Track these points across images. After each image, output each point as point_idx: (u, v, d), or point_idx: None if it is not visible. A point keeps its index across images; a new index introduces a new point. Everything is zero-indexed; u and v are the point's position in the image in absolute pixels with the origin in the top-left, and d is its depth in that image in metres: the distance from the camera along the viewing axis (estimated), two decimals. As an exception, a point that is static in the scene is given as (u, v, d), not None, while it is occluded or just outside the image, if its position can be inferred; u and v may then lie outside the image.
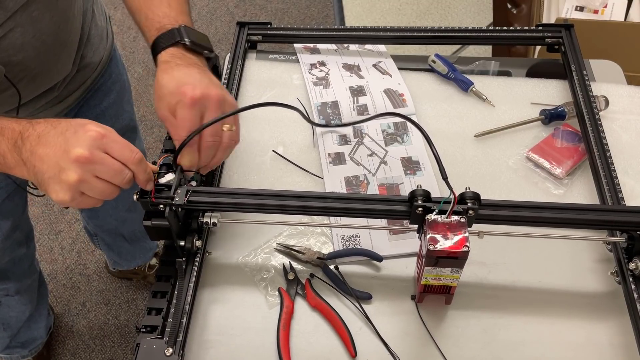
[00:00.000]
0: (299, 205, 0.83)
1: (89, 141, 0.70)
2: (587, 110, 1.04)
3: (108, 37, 1.19)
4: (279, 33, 1.20)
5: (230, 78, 1.11)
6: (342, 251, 0.92)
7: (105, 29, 1.18)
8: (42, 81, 1.01)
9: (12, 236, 1.32)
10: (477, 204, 0.77)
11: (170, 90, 0.82)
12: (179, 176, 0.81)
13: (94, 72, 1.16)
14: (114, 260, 1.85)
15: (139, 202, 0.78)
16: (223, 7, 2.85)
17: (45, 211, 2.12)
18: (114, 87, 1.26)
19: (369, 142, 1.06)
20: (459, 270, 0.78)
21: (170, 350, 0.75)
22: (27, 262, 1.45)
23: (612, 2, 1.69)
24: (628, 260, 0.83)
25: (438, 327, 0.85)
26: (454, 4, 2.82)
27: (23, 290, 1.48)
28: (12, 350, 1.66)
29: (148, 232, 0.81)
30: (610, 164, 0.96)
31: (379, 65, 1.18)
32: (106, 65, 1.21)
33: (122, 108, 1.32)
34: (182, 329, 0.77)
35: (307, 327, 0.86)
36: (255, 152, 1.05)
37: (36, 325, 1.65)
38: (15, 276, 1.43)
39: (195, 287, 0.83)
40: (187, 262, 0.84)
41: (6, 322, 1.54)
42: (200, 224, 0.85)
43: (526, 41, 1.29)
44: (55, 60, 1.01)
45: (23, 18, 0.89)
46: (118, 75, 1.27)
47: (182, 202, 0.79)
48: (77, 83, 1.13)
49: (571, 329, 0.84)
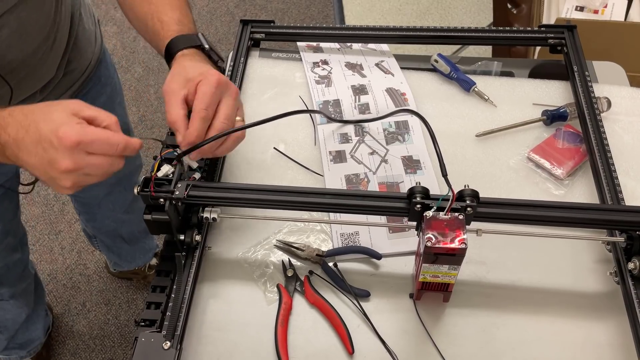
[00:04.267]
0: (298, 200, 0.83)
1: (68, 153, 0.70)
2: (588, 112, 1.04)
3: (97, 41, 1.18)
4: (281, 31, 1.20)
5: (233, 75, 1.11)
6: (341, 249, 0.92)
7: (93, 32, 1.17)
8: (27, 84, 1.01)
9: (4, 241, 1.31)
10: (475, 201, 0.77)
11: (193, 72, 0.83)
12: (180, 170, 0.82)
13: (82, 75, 1.15)
14: (114, 262, 1.84)
15: (139, 195, 0.79)
16: (223, 7, 2.86)
17: (45, 211, 2.12)
18: (104, 90, 1.25)
19: (370, 141, 1.06)
20: (457, 267, 0.77)
21: (168, 343, 0.75)
22: (20, 266, 1.44)
23: (612, 2, 1.69)
24: (627, 260, 0.83)
25: (436, 326, 0.84)
26: (454, 4, 2.82)
27: (18, 294, 1.47)
28: (10, 351, 1.65)
29: (148, 226, 0.81)
30: (611, 165, 0.96)
31: (381, 64, 1.18)
32: (95, 69, 1.20)
33: (114, 111, 1.29)
34: (180, 322, 0.78)
35: (305, 323, 0.85)
36: (257, 149, 1.05)
37: (34, 326, 1.65)
38: (9, 281, 1.42)
39: (195, 282, 0.83)
40: (186, 257, 0.84)
41: (2, 324, 1.54)
42: (200, 219, 0.85)
43: (528, 42, 1.29)
44: (42, 64, 1.00)
45: (11, 19, 0.89)
46: (108, 78, 1.26)
47: (182, 196, 0.79)
48: (64, 87, 1.12)
49: (570, 328, 0.84)
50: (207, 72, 0.83)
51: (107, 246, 1.74)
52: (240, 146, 1.04)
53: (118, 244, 1.71)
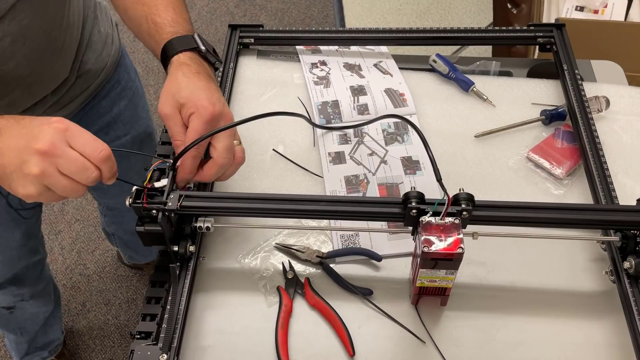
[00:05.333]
0: (292, 208, 0.82)
1: (51, 133, 0.68)
2: (579, 110, 1.03)
3: (114, 43, 1.18)
4: (270, 35, 1.19)
5: (223, 81, 1.10)
6: (341, 250, 0.92)
7: (110, 35, 1.16)
8: (37, 89, 1.01)
9: (28, 243, 1.32)
10: (471, 205, 0.77)
11: (187, 96, 0.82)
12: (172, 181, 0.81)
13: (97, 78, 1.15)
14: (129, 255, 1.88)
15: (130, 207, 0.78)
16: (223, 7, 2.86)
17: (45, 211, 2.12)
18: (125, 93, 1.24)
19: (369, 142, 1.06)
20: (454, 271, 0.77)
21: (165, 356, 0.74)
22: (39, 267, 1.47)
23: (612, 2, 1.69)
24: (622, 259, 0.83)
25: (437, 327, 0.85)
26: (454, 4, 2.82)
27: (37, 294, 1.50)
28: (32, 356, 1.68)
29: (141, 238, 0.80)
30: (604, 163, 0.96)
31: (379, 64, 1.18)
32: (112, 72, 1.19)
33: (137, 115, 1.30)
34: (176, 334, 0.77)
35: (305, 326, 0.85)
36: (256, 151, 1.05)
37: (51, 328, 1.67)
38: (30, 281, 1.44)
39: (190, 292, 0.83)
40: (180, 267, 0.83)
41: (22, 326, 1.56)
42: (194, 229, 0.85)
43: (519, 41, 1.29)
44: (50, 67, 1.00)
45: (12, 27, 0.88)
46: (128, 82, 1.25)
47: (174, 207, 0.78)
48: (79, 89, 1.11)
49: (569, 328, 0.84)
50: (200, 103, 0.81)
51: (125, 242, 1.77)
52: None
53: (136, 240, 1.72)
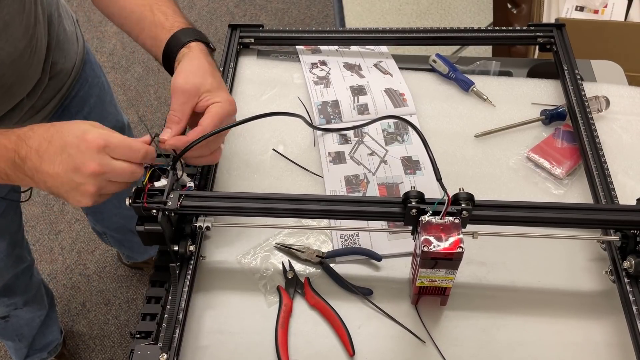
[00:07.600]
0: (292, 208, 0.82)
1: (95, 155, 0.73)
2: (579, 109, 1.03)
3: (78, 41, 1.18)
4: (270, 35, 1.19)
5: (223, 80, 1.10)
6: (341, 250, 0.92)
7: (74, 32, 1.16)
8: (17, 90, 1.00)
9: (13, 253, 1.32)
10: (470, 204, 0.77)
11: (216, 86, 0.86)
12: (172, 180, 0.81)
13: (69, 78, 1.15)
14: (127, 254, 1.88)
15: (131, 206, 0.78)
16: (223, 7, 2.85)
17: (45, 211, 2.12)
18: (93, 91, 1.25)
19: (369, 142, 1.06)
20: (454, 271, 0.77)
21: (165, 356, 0.74)
22: (28, 274, 1.46)
23: (612, 2, 1.69)
24: (622, 259, 0.83)
25: (437, 327, 0.85)
26: (454, 4, 2.82)
27: (30, 300, 1.50)
28: (32, 358, 1.68)
29: (141, 237, 0.80)
30: (604, 163, 0.96)
31: (379, 64, 1.18)
32: (80, 70, 1.19)
33: (106, 110, 1.31)
34: (176, 334, 0.77)
35: (305, 325, 0.85)
36: (256, 151, 1.05)
37: (49, 330, 1.67)
38: (21, 289, 1.45)
39: (190, 292, 0.83)
40: (180, 267, 0.84)
41: (19, 332, 1.57)
42: (194, 228, 0.85)
43: (519, 41, 1.29)
44: (28, 66, 1.00)
45: None
46: (95, 79, 1.26)
47: (174, 207, 0.78)
48: (52, 91, 1.11)
49: (569, 328, 0.84)
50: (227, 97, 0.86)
51: (119, 241, 1.77)
52: (238, 148, 1.05)
53: (129, 238, 1.72)
